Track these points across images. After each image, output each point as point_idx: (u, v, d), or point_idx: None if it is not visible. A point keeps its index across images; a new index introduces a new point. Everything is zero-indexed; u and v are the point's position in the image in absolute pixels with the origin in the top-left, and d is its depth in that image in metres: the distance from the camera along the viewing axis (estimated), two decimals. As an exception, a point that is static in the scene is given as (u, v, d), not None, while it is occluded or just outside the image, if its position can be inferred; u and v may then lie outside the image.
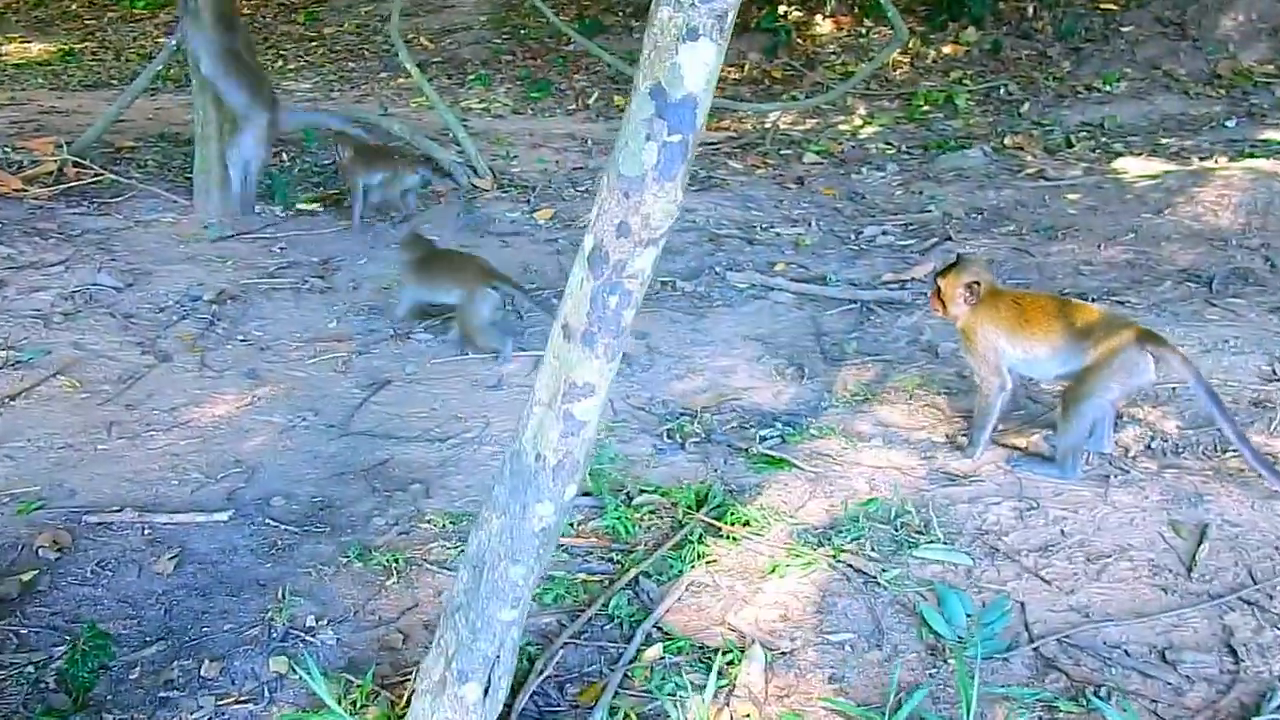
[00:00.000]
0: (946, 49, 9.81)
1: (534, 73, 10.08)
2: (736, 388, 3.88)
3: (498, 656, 2.05)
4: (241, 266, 5.03)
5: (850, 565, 2.79)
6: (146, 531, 2.97)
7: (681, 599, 2.69)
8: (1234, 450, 3.21)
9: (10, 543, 2.93)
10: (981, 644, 2.42)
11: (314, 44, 11.47)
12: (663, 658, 2.46)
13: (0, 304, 4.42)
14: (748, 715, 2.30)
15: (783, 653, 2.48)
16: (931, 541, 2.88)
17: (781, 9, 10.67)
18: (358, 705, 2.34)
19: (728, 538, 2.91)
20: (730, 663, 2.43)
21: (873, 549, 2.86)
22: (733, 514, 2.98)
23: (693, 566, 2.79)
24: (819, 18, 10.64)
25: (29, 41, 11.78)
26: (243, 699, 2.39)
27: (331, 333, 4.35)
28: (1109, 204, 5.94)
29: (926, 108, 8.78)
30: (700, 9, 1.67)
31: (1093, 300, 4.43)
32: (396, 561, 2.83)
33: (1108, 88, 8.78)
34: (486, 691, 2.08)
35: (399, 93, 9.60)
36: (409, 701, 2.23)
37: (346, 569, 2.83)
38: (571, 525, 2.98)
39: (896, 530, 2.94)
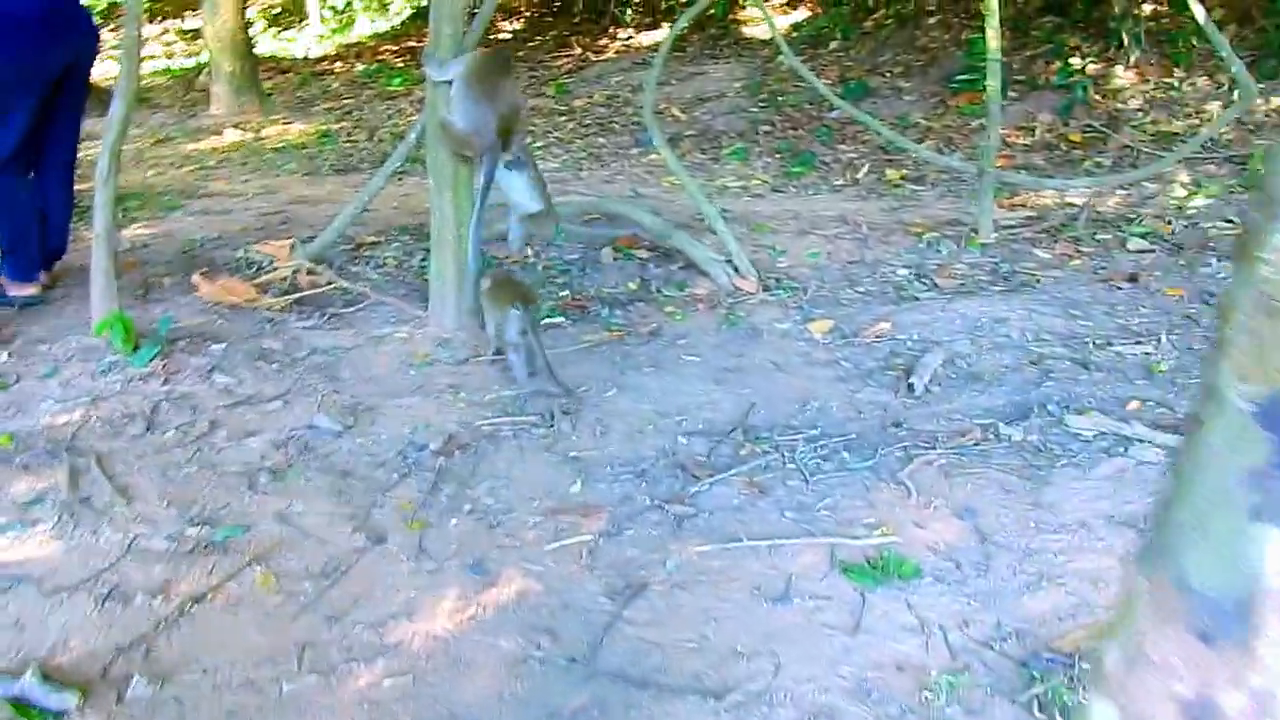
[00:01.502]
0: (1281, 100, 8.35)
1: (795, 144, 9.23)
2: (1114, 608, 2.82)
3: None
4: (473, 400, 4.33)
5: None
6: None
7: None
8: None
9: None
10: None
11: (563, 118, 11.02)
12: None
13: (207, 455, 3.85)
14: None
15: None
16: None
17: (1075, 61, 9.44)
18: None
19: None
20: None
21: None
22: None
23: None
24: (1119, 69, 9.35)
25: (290, 123, 11.84)
26: None
27: (574, 501, 3.55)
28: None
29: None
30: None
31: None
32: None
33: None
34: None
35: (650, 170, 8.94)
36: None
37: None
38: None
39: None
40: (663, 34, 13.33)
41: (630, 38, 13.93)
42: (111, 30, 12.25)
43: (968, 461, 3.63)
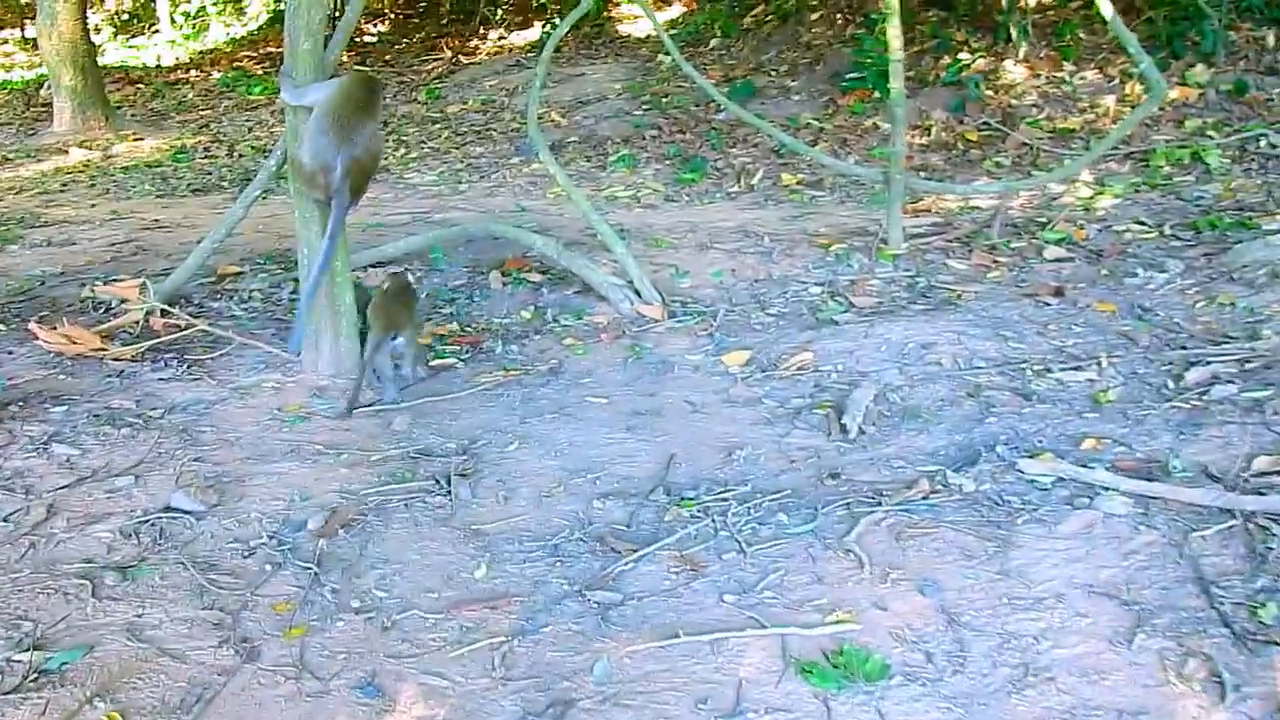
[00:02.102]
0: (1174, 93, 8.25)
1: (684, 149, 8.83)
2: (1118, 710, 2.45)
3: None
4: (356, 461, 3.82)
5: None
6: None
7: None
8: None
9: None
10: None
11: (438, 125, 10.45)
12: None
13: (43, 551, 3.25)
14: None
15: None
16: None
17: (964, 57, 9.24)
18: None
19: None
20: None
21: None
22: None
23: None
24: (1009, 64, 9.19)
25: (141, 139, 11.03)
26: None
27: (480, 589, 3.06)
28: None
29: (1168, 169, 7.26)
30: None
31: None
32: None
33: (1395, 131, 7.19)
34: None
35: (534, 181, 8.46)
36: None
37: None
38: None
39: None
40: (535, 33, 12.85)
41: (502, 38, 13.40)
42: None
43: (919, 519, 3.25)
